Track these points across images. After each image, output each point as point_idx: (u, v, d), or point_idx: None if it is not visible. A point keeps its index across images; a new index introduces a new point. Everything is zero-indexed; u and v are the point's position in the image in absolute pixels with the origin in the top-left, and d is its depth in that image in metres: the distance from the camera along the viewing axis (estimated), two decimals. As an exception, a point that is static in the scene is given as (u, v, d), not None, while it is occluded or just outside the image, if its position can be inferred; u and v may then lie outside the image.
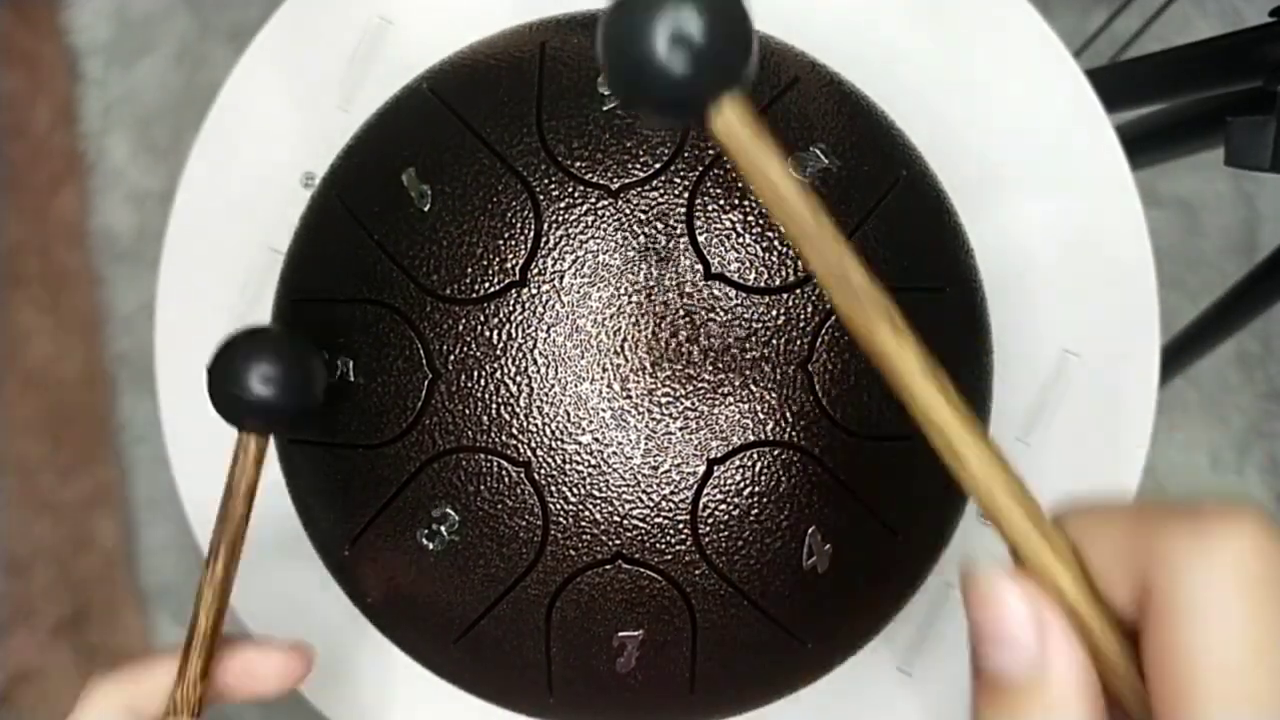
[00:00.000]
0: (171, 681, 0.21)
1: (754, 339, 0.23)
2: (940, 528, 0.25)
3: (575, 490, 0.23)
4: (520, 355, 0.23)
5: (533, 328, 0.23)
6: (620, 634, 0.23)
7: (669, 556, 0.23)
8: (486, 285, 0.23)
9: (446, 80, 0.26)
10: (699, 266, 0.23)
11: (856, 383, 0.23)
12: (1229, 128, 0.29)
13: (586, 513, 0.23)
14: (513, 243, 0.23)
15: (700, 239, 0.23)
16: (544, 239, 0.23)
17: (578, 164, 0.23)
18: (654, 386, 0.23)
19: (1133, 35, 0.56)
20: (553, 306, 0.23)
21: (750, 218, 0.23)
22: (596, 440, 0.23)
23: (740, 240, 0.23)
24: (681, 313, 0.23)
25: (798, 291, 0.23)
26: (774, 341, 0.23)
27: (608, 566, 0.23)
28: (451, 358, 0.23)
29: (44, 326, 0.70)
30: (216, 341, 0.22)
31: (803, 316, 0.23)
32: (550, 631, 0.24)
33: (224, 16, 0.68)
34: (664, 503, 0.23)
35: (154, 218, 0.69)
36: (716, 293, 0.23)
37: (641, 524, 0.23)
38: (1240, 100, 0.32)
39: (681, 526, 0.23)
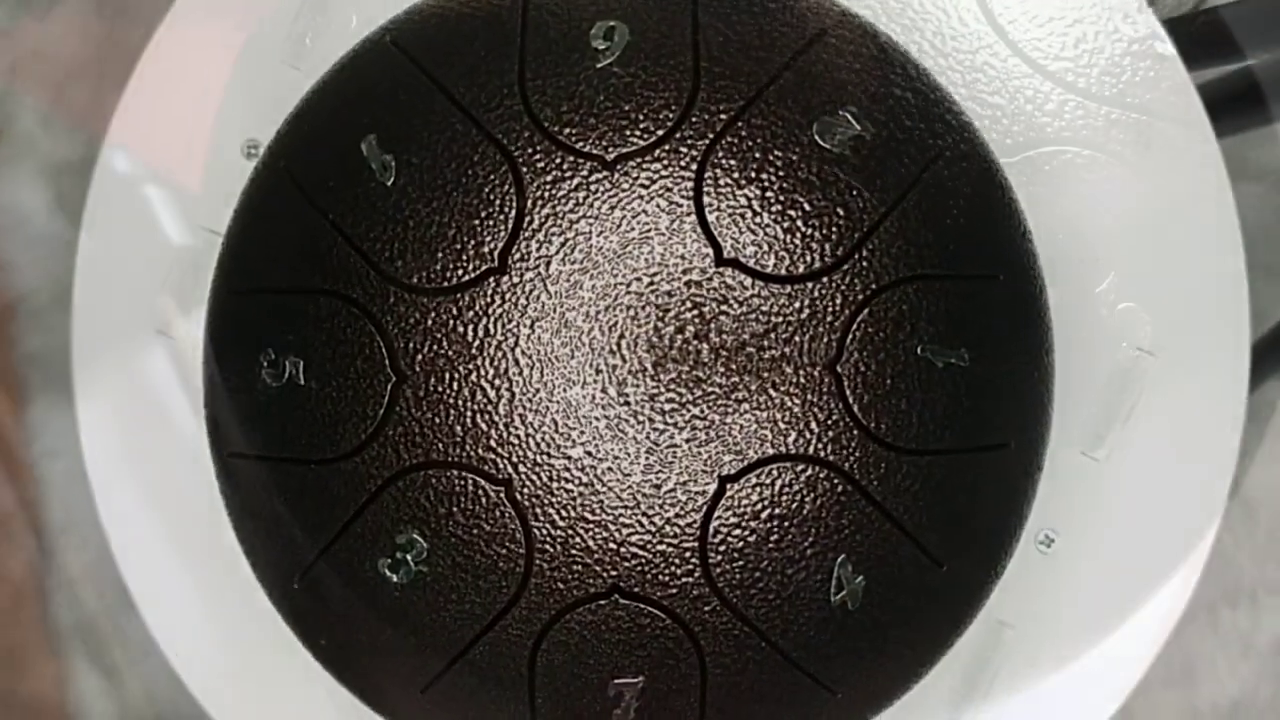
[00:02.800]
0: None
1: (773, 335, 0.23)
2: (992, 557, 0.25)
3: (564, 512, 0.23)
4: (500, 355, 0.23)
5: (514, 322, 0.23)
6: (617, 681, 0.23)
7: (674, 590, 0.23)
8: (460, 273, 0.23)
9: (413, 32, 0.26)
10: (709, 251, 0.23)
11: (894, 386, 0.23)
12: (1334, 87, 0.29)
13: (577, 539, 0.23)
14: (490, 223, 0.23)
15: (711, 218, 0.23)
16: (527, 218, 0.23)
17: (567, 130, 0.23)
18: (656, 391, 0.23)
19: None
20: (538, 298, 0.23)
21: (769, 194, 0.23)
22: (589, 454, 0.23)
23: (758, 220, 0.23)
24: (688, 305, 0.23)
25: (825, 280, 0.23)
26: (797, 338, 0.23)
27: (602, 602, 0.23)
28: (419, 357, 0.23)
29: (-60, 321, 0.70)
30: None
31: (831, 309, 0.23)
32: (535, 679, 0.24)
33: (153, -44, 0.68)
34: (668, 527, 0.23)
35: (71, 194, 0.69)
36: (730, 281, 0.23)
37: (642, 552, 0.23)
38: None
39: (689, 555, 0.23)
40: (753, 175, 0.23)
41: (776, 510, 0.23)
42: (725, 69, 0.24)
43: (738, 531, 0.23)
